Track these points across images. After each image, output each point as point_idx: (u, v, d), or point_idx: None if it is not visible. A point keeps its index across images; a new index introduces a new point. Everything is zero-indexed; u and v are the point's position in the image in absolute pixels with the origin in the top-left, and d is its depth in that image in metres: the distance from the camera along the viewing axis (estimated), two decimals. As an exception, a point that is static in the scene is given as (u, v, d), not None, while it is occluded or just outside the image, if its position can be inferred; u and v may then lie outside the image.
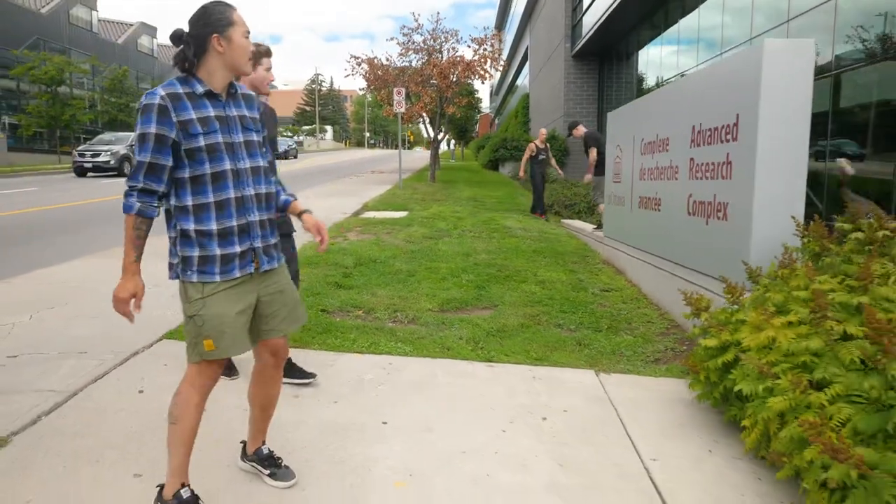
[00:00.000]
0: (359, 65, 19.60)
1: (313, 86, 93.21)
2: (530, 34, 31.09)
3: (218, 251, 2.12)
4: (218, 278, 2.12)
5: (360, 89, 22.43)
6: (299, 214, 2.40)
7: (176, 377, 2.99)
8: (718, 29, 11.64)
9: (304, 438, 2.86)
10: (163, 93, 2.07)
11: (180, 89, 2.11)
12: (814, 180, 7.72)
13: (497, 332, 4.55)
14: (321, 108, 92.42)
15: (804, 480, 2.23)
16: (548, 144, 12.83)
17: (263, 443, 2.54)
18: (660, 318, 5.04)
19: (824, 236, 3.37)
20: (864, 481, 1.83)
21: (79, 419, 2.97)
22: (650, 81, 15.99)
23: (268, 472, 2.50)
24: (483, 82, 21.76)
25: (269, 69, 3.38)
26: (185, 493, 2.18)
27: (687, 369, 3.29)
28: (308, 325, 4.45)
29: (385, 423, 3.07)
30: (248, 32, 2.19)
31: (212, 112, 2.13)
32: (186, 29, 2.14)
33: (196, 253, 2.12)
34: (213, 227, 2.12)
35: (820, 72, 7.76)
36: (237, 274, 2.16)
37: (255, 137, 2.27)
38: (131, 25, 48.63)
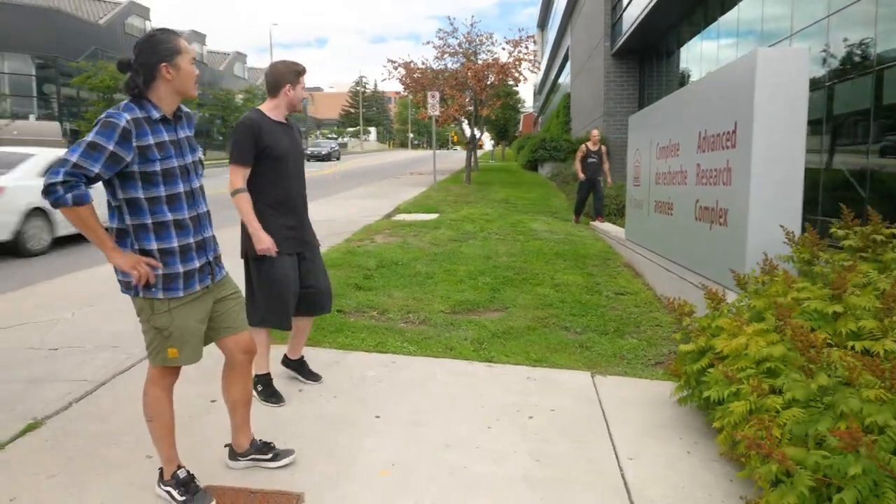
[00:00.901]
0: (395, 69, 19.97)
1: (358, 88, 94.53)
2: (571, 33, 30.96)
3: (181, 268, 2.31)
4: (181, 293, 2.31)
5: (397, 92, 22.83)
6: None
7: (192, 371, 3.29)
8: (759, 23, 11.49)
9: (301, 430, 3.11)
10: (128, 117, 2.17)
11: (139, 114, 2.21)
12: (860, 175, 7.61)
13: (502, 334, 4.72)
14: (365, 109, 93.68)
15: (758, 479, 2.34)
16: (602, 147, 12.05)
17: (253, 435, 2.76)
18: (669, 322, 5.12)
19: (814, 244, 3.43)
20: (790, 478, 1.95)
21: (104, 406, 3.30)
22: (693, 79, 15.80)
23: (269, 456, 2.73)
24: (518, 84, 21.84)
25: (304, 88, 3.43)
26: (181, 474, 2.45)
27: (670, 372, 3.40)
28: (322, 325, 4.70)
29: (378, 417, 3.29)
30: (194, 58, 2.35)
31: (166, 137, 2.27)
32: (133, 56, 2.25)
33: (160, 272, 2.28)
34: (175, 244, 2.30)
35: (862, 68, 7.64)
36: (197, 287, 2.36)
37: (198, 157, 2.46)
38: (182, 34, 50.34)
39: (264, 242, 3.20)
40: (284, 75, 3.32)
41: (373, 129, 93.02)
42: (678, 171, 5.45)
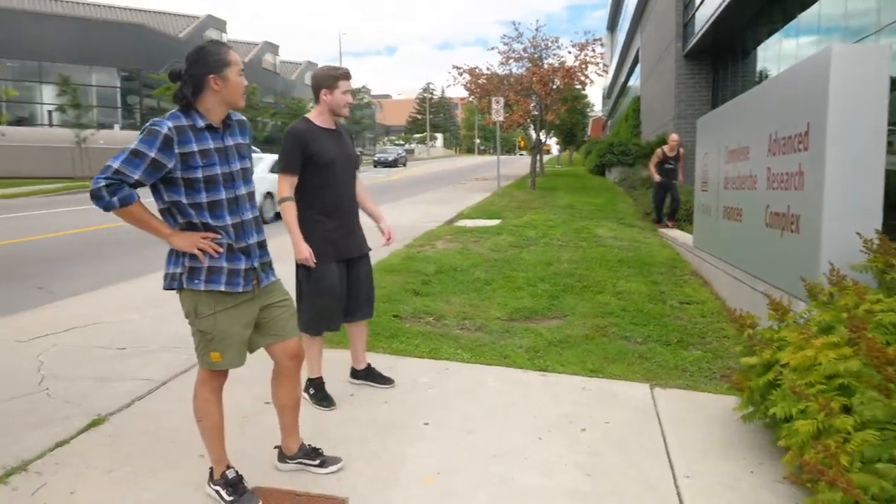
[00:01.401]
0: (460, 75, 20.04)
1: (425, 94, 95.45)
2: (641, 34, 30.26)
3: (225, 265, 2.34)
4: (223, 287, 2.33)
5: (462, 98, 22.88)
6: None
7: (246, 372, 3.36)
8: (843, 19, 10.88)
9: (350, 435, 3.12)
10: (170, 124, 2.22)
11: (184, 122, 2.27)
12: None
13: (559, 343, 4.61)
14: (432, 115, 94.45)
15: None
16: (681, 151, 11.26)
17: (302, 440, 2.78)
18: (737, 333, 4.87)
19: (890, 252, 3.19)
20: (856, 507, 1.80)
21: (163, 405, 3.42)
22: (770, 81, 15.08)
23: (317, 461, 2.75)
24: (584, 88, 21.50)
25: (345, 92, 3.36)
26: (230, 474, 2.50)
27: (732, 386, 3.22)
28: (378, 330, 4.73)
29: (427, 424, 3.27)
30: (243, 70, 2.37)
31: (211, 144, 2.31)
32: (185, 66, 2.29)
33: (205, 264, 2.33)
34: (223, 242, 2.34)
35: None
36: (240, 289, 2.37)
37: (248, 164, 2.48)
38: (256, 45, 52.37)
39: (303, 253, 3.24)
40: (321, 80, 3.33)
41: (439, 136, 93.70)
42: (748, 175, 5.20)
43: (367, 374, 3.76)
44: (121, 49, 36.82)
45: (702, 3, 17.42)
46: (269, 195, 12.90)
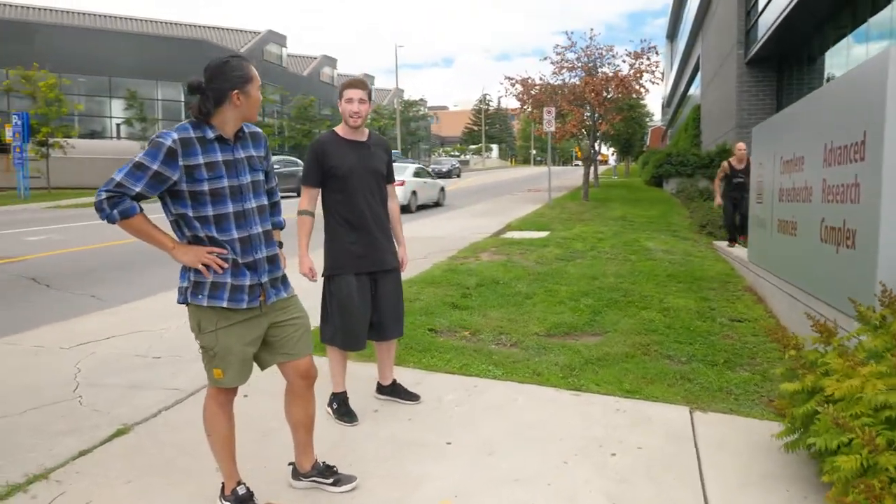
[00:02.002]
0: (513, 85, 19.93)
1: (481, 105, 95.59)
2: (701, 41, 29.47)
3: (229, 280, 2.30)
4: (225, 304, 2.30)
5: (514, 109, 22.77)
6: None
7: (276, 384, 3.34)
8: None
9: (369, 452, 3.06)
10: (176, 136, 2.20)
11: (192, 134, 2.24)
12: None
13: (596, 361, 4.44)
14: (488, 126, 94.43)
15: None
16: (751, 161, 9.08)
17: (316, 458, 2.73)
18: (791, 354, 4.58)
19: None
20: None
21: (188, 416, 3.43)
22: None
23: (331, 480, 2.69)
24: (641, 98, 21.04)
25: (349, 101, 3.30)
26: (240, 490, 2.48)
27: (775, 411, 3.00)
28: (411, 344, 4.67)
29: (449, 443, 3.17)
30: (261, 85, 2.37)
31: (220, 157, 2.27)
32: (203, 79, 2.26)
33: (209, 280, 2.30)
34: (228, 257, 2.31)
35: None
36: (244, 305, 2.33)
37: (260, 177, 2.43)
38: (315, 58, 53.65)
39: (303, 267, 3.29)
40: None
41: (495, 147, 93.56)
42: (802, 186, 4.91)
43: (393, 390, 3.70)
44: (185, 64, 38.36)
45: (765, 8, 16.80)
46: (413, 193, 17.52)
